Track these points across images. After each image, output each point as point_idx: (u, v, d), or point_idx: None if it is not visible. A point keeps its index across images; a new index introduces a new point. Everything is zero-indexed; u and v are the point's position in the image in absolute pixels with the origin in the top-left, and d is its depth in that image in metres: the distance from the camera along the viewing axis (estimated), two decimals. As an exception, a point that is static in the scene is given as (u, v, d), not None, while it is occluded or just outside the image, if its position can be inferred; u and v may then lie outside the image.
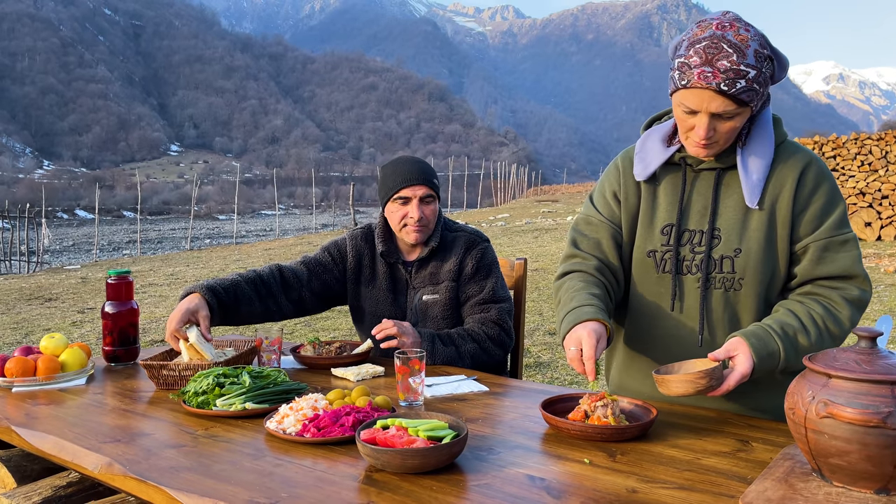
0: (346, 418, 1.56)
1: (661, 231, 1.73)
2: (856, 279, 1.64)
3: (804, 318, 1.60)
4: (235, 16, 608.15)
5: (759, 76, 1.53)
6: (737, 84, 1.51)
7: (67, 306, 9.35)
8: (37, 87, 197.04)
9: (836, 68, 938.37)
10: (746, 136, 1.67)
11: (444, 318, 2.34)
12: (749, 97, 1.53)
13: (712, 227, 1.68)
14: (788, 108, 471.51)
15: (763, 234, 1.65)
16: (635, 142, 1.85)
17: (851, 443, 1.12)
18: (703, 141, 1.59)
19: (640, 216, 1.78)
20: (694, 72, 1.53)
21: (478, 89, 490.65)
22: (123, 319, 2.25)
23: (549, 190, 56.74)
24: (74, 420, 1.72)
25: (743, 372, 1.53)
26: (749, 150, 1.66)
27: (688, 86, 1.54)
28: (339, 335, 6.67)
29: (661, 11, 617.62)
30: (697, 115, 1.57)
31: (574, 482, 1.31)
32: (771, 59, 1.56)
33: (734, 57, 1.51)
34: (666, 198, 1.75)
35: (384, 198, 2.34)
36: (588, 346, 1.55)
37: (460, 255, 2.35)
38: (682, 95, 1.57)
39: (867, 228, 12.13)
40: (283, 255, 15.68)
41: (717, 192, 1.69)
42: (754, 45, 1.53)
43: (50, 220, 39.14)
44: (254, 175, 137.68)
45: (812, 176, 1.66)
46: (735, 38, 1.53)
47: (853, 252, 1.65)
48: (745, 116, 1.59)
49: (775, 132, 1.69)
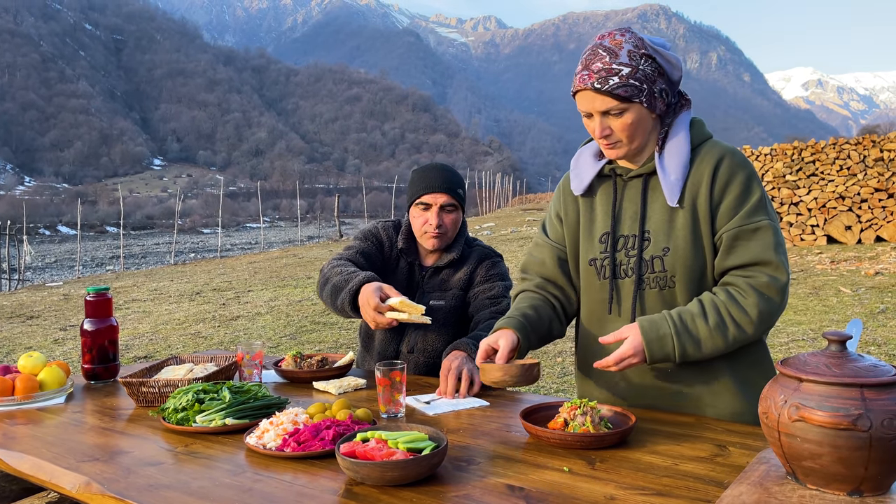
0: (326, 432, 1.56)
1: (600, 239, 1.82)
2: (766, 265, 1.66)
3: (706, 305, 1.66)
4: (218, 29, 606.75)
5: (634, 72, 1.64)
6: (609, 81, 1.63)
7: (49, 324, 9.25)
8: (17, 103, 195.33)
9: (814, 74, 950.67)
10: (664, 140, 1.75)
11: (447, 324, 2.37)
12: (627, 92, 1.63)
13: (642, 230, 1.76)
14: (768, 114, 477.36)
15: (688, 231, 1.71)
16: None
17: (823, 446, 1.14)
18: (603, 140, 1.71)
19: (581, 229, 1.87)
20: (576, 77, 1.69)
21: (461, 99, 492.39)
22: (102, 337, 2.24)
23: (534, 198, 56.93)
24: (53, 439, 1.71)
25: (624, 352, 1.63)
26: (666, 152, 1.74)
27: (574, 91, 1.70)
28: (323, 348, 6.64)
29: (641, 20, 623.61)
30: (592, 117, 1.69)
31: (553, 490, 1.31)
32: (651, 58, 1.66)
33: (607, 58, 1.64)
34: (601, 208, 1.84)
35: (408, 201, 2.39)
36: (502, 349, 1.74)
37: (472, 265, 2.41)
38: (577, 101, 1.71)
39: (847, 232, 12.27)
40: (268, 267, 15.62)
41: (644, 196, 1.77)
42: (628, 45, 1.65)
43: (31, 237, 38.73)
44: (238, 188, 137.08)
45: (725, 169, 1.71)
46: (610, 43, 1.66)
47: (766, 239, 1.67)
48: (636, 113, 1.67)
49: (694, 133, 1.76)
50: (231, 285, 12.56)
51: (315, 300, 9.77)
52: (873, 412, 1.12)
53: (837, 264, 10.19)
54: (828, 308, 7.26)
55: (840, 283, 8.72)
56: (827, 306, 7.35)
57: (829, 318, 6.79)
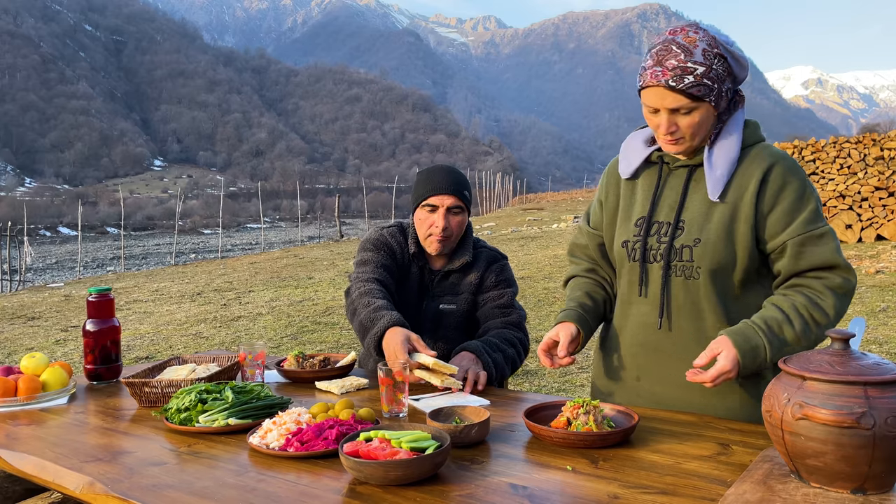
0: (329, 431, 1.56)
1: (635, 223, 1.84)
2: (837, 269, 1.69)
3: (788, 310, 1.66)
4: (217, 30, 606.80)
5: (708, 72, 1.63)
6: (684, 79, 1.62)
7: (51, 325, 9.25)
8: (17, 105, 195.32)
9: (814, 73, 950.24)
10: (716, 136, 1.76)
11: (458, 328, 2.36)
12: (700, 91, 1.63)
13: (677, 219, 1.77)
14: (768, 113, 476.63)
15: (723, 227, 1.72)
16: (618, 149, 2.03)
17: (827, 444, 1.14)
18: (668, 136, 1.71)
19: (620, 212, 1.90)
20: (647, 73, 1.67)
21: (461, 99, 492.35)
22: (105, 337, 2.24)
23: (534, 198, 56.95)
24: (56, 440, 1.71)
25: (722, 367, 1.59)
26: (716, 147, 1.75)
27: (644, 86, 1.68)
28: (324, 348, 6.65)
29: (641, 20, 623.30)
30: (659, 112, 1.69)
31: (556, 489, 1.31)
32: (723, 57, 1.66)
33: (682, 56, 1.63)
34: (643, 193, 1.86)
35: (413, 203, 2.36)
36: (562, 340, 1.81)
37: (482, 269, 2.40)
38: (643, 96, 1.70)
39: (848, 231, 12.27)
40: (269, 268, 15.62)
41: (686, 187, 1.78)
42: (702, 44, 1.65)
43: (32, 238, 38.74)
44: (238, 188, 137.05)
45: (778, 175, 1.71)
46: (684, 39, 1.66)
47: (831, 244, 1.69)
48: (704, 111, 1.67)
49: (747, 133, 1.77)
50: (232, 286, 12.56)
51: (316, 300, 9.78)
52: (877, 410, 1.12)
53: (838, 263, 10.18)
54: (829, 307, 7.26)
55: (841, 281, 8.72)
56: (828, 305, 7.36)
57: (831, 316, 6.80)
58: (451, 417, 1.66)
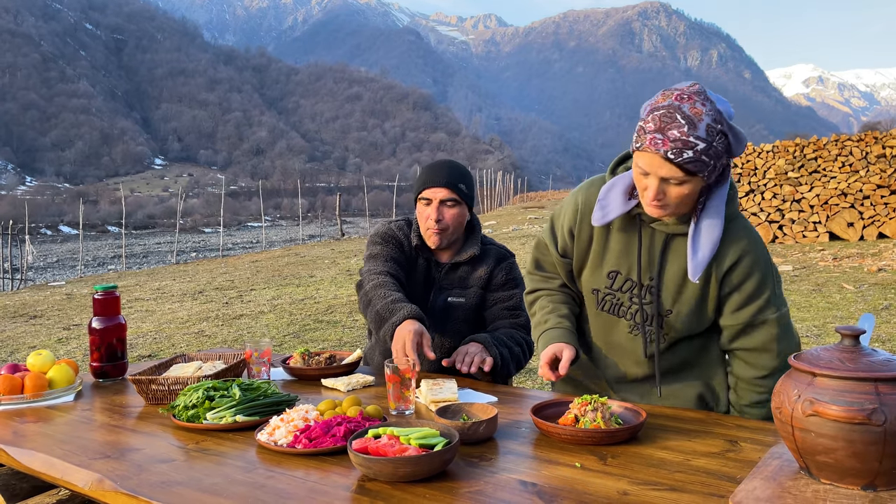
0: (337, 428, 1.56)
1: (608, 275, 1.88)
2: (766, 353, 1.81)
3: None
4: (218, 28, 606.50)
5: (708, 149, 1.59)
6: (683, 154, 1.58)
7: (53, 323, 9.25)
8: (18, 104, 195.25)
9: (815, 71, 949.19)
10: (701, 210, 1.74)
11: (466, 321, 2.37)
12: (696, 167, 1.60)
13: (650, 286, 1.83)
14: (769, 112, 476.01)
15: (695, 303, 1.81)
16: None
17: (837, 440, 1.14)
18: (654, 202, 1.68)
19: (592, 255, 1.91)
20: (647, 137, 1.61)
21: (462, 98, 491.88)
22: (111, 335, 2.24)
23: (534, 196, 56.89)
24: (63, 437, 1.71)
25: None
26: (701, 225, 1.74)
27: (641, 149, 1.63)
28: (327, 346, 6.65)
29: (641, 18, 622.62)
30: (649, 176, 1.65)
31: (566, 486, 1.31)
32: (725, 135, 1.61)
33: (685, 128, 1.57)
34: (617, 245, 1.86)
35: (413, 197, 2.39)
36: (564, 359, 1.81)
37: (491, 265, 2.40)
38: (637, 156, 1.65)
39: (850, 229, 12.26)
40: (270, 266, 15.61)
41: (664, 254, 1.81)
42: (707, 119, 1.58)
43: (33, 237, 38.75)
44: (239, 187, 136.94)
45: (745, 266, 1.77)
46: (690, 110, 1.58)
47: (772, 331, 1.79)
48: (695, 184, 1.65)
49: (729, 211, 1.77)
50: (233, 284, 12.57)
51: (317, 298, 9.78)
52: (888, 406, 1.12)
53: (840, 261, 10.18)
54: (831, 305, 7.25)
55: (843, 279, 8.72)
56: (830, 303, 7.34)
57: (833, 314, 6.79)
58: (458, 414, 1.67)
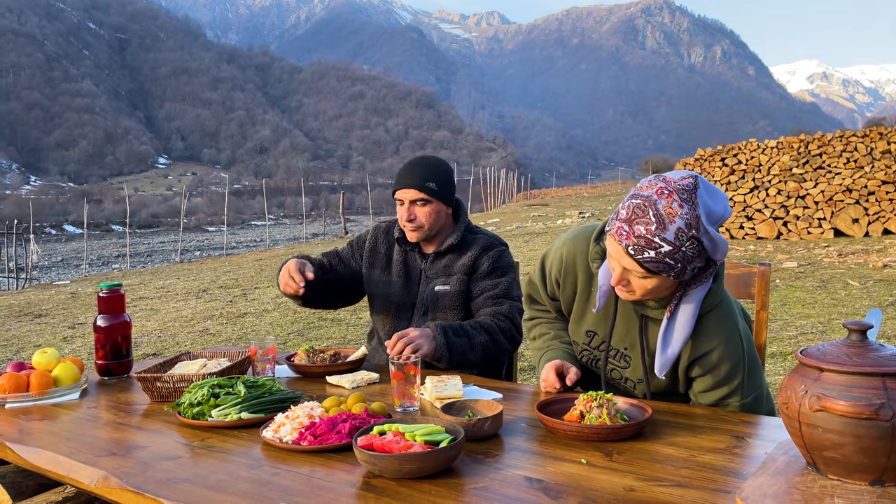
0: (342, 425, 1.56)
1: (586, 333, 1.91)
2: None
3: None
4: (221, 27, 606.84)
5: (674, 252, 1.52)
6: (644, 253, 1.53)
7: (58, 322, 9.28)
8: (22, 103, 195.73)
9: (819, 67, 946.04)
10: (677, 304, 1.71)
11: (454, 308, 2.39)
12: (658, 268, 1.55)
13: (625, 354, 1.86)
14: (773, 108, 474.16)
15: (667, 377, 1.82)
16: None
17: (845, 435, 1.13)
18: (621, 287, 1.66)
19: (574, 308, 1.96)
20: (615, 224, 1.58)
21: (465, 95, 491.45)
22: (116, 332, 2.24)
23: (538, 194, 56.86)
24: (69, 435, 1.71)
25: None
26: (675, 319, 1.71)
27: (608, 233, 1.61)
28: (332, 343, 6.65)
29: (644, 14, 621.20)
30: (614, 261, 1.62)
31: (571, 482, 1.31)
32: (698, 241, 1.54)
33: (653, 227, 1.51)
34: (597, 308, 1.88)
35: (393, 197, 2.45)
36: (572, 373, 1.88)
37: (476, 253, 2.41)
38: (607, 238, 1.64)
39: (855, 225, 12.22)
40: (274, 265, 15.63)
41: (642, 330, 1.80)
42: (680, 222, 1.51)
43: (38, 236, 38.87)
44: (243, 186, 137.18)
45: (716, 356, 1.76)
46: (664, 209, 1.52)
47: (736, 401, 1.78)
48: (660, 281, 1.60)
49: (707, 300, 1.72)
50: (237, 283, 12.59)
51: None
52: (895, 402, 1.11)
53: (845, 257, 10.15)
54: (836, 301, 7.23)
55: (848, 276, 8.69)
56: (835, 299, 7.32)
57: (838, 310, 6.77)
58: (464, 411, 1.66)
